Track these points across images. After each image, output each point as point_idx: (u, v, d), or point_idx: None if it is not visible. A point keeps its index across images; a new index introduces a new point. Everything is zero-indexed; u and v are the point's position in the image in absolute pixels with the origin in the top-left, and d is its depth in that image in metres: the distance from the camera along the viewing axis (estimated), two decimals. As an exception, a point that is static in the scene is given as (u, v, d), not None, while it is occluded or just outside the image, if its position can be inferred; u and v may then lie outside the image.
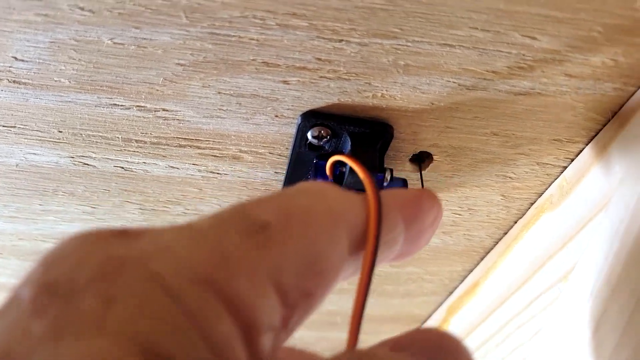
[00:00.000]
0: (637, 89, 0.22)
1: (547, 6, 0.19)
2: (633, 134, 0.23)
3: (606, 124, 0.24)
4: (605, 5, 0.19)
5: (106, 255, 0.11)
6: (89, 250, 0.11)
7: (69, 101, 0.23)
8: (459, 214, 0.30)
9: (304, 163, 0.25)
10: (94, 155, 0.26)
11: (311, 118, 0.23)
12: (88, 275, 0.10)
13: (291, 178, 0.26)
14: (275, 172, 0.27)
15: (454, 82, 0.22)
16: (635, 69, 0.22)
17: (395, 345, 0.15)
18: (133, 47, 0.21)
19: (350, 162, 0.20)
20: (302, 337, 0.45)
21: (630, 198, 0.21)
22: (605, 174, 0.24)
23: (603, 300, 0.21)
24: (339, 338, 0.44)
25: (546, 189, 0.28)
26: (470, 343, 0.36)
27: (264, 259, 0.12)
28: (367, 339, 0.16)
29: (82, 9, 0.19)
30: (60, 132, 0.25)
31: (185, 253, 0.11)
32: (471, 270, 0.36)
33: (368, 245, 0.15)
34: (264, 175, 0.27)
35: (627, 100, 0.23)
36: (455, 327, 0.38)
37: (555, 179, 0.28)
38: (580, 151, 0.26)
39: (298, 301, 0.12)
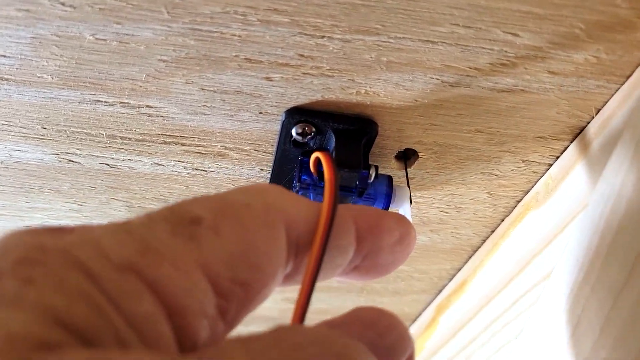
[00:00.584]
0: (620, 86, 0.22)
1: (528, 2, 0.19)
2: (616, 131, 0.23)
3: (590, 121, 0.24)
4: (586, 1, 0.19)
5: (32, 244, 0.11)
6: (18, 241, 0.12)
7: (52, 97, 0.23)
8: (446, 212, 0.31)
9: (289, 160, 0.25)
10: (79, 152, 0.26)
11: (295, 115, 0.23)
12: (12, 261, 0.11)
13: (277, 175, 0.26)
14: (261, 169, 0.27)
15: (437, 79, 0.22)
16: (617, 66, 0.22)
17: (332, 323, 0.15)
18: (115, 42, 0.21)
19: (323, 161, 0.20)
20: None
21: (610, 194, 0.22)
22: (589, 171, 0.24)
23: (583, 297, 0.21)
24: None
25: (532, 186, 0.28)
26: (458, 342, 0.36)
27: (193, 249, 0.13)
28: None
29: (63, 4, 0.19)
30: (45, 128, 0.24)
31: (109, 244, 0.12)
32: (459, 269, 0.36)
33: (317, 236, 0.15)
34: (249, 172, 0.27)
35: (610, 97, 0.23)
36: (443, 325, 0.38)
37: (541, 177, 0.28)
38: (565, 148, 0.26)
39: (233, 291, 0.13)
